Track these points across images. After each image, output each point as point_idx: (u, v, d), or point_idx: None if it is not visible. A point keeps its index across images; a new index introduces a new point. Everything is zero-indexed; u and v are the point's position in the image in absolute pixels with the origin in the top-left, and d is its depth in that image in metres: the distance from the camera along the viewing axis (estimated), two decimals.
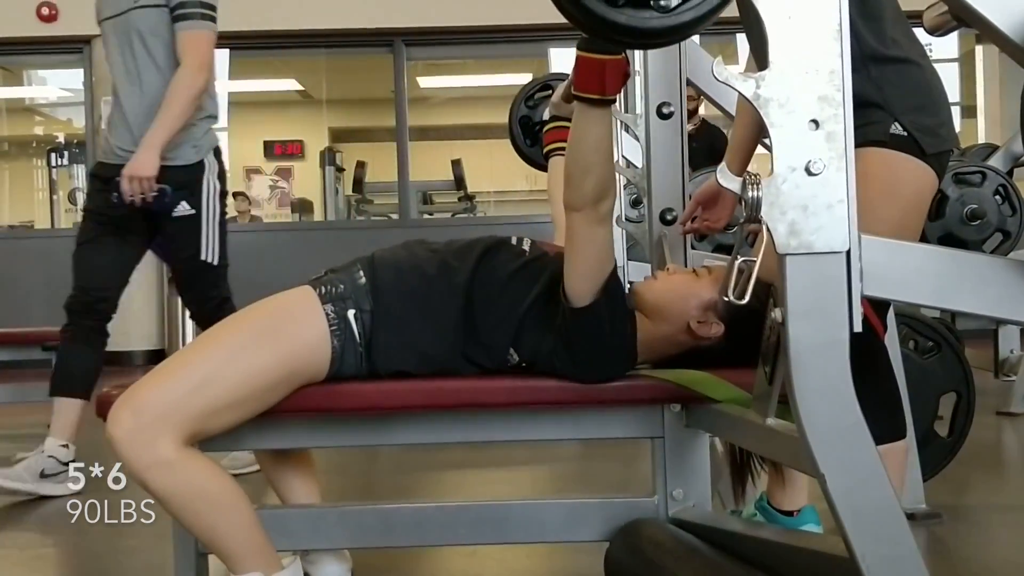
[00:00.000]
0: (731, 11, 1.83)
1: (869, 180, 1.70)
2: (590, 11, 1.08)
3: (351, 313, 1.72)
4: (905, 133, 1.76)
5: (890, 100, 1.77)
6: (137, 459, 1.56)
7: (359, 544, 1.90)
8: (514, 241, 1.85)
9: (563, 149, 1.79)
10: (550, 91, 2.84)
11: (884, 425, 1.71)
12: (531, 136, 3.03)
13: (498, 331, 1.74)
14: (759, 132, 2.10)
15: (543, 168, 2.35)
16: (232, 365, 1.62)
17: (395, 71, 8.55)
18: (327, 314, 1.71)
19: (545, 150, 2.25)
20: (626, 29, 1.10)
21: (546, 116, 2.30)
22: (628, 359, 1.75)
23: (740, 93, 1.14)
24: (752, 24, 1.19)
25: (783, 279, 1.15)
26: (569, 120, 1.67)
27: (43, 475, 3.10)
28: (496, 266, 1.78)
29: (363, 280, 1.75)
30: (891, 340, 2.24)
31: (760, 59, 1.18)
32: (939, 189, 3.47)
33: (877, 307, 1.82)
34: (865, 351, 1.36)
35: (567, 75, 2.37)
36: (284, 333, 1.68)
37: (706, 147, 5.38)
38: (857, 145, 1.76)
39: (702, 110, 5.97)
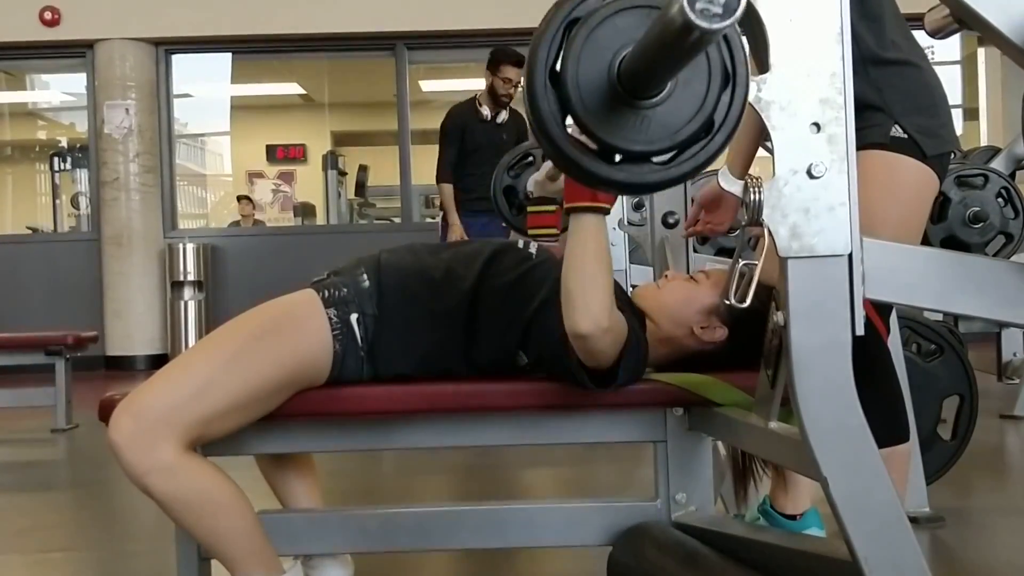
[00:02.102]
0: None
1: (870, 182, 1.70)
2: (590, 172, 1.10)
3: (354, 317, 1.72)
4: (905, 135, 1.76)
5: (890, 102, 1.77)
6: (137, 464, 1.55)
7: (361, 548, 1.90)
8: (520, 244, 1.85)
9: (546, 236, 1.74)
10: (531, 159, 2.84)
11: (886, 428, 1.71)
12: (516, 206, 3.03)
13: (506, 334, 1.74)
14: (760, 135, 2.10)
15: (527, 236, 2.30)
16: (233, 369, 1.62)
17: (397, 74, 8.55)
18: (330, 318, 1.71)
19: (530, 233, 2.20)
20: (626, 185, 1.12)
21: (529, 186, 2.27)
22: (642, 373, 1.73)
23: None
24: (752, 27, 1.19)
25: (785, 282, 1.15)
26: (552, 200, 1.63)
27: None
28: (502, 270, 1.77)
29: (367, 283, 1.75)
30: (894, 343, 2.24)
31: (761, 62, 1.17)
32: (941, 192, 3.48)
33: (880, 309, 1.82)
34: (867, 354, 1.36)
35: None
36: (286, 337, 1.67)
37: (514, 136, 5.59)
38: (857, 148, 1.76)
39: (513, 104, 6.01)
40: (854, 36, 1.39)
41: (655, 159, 1.09)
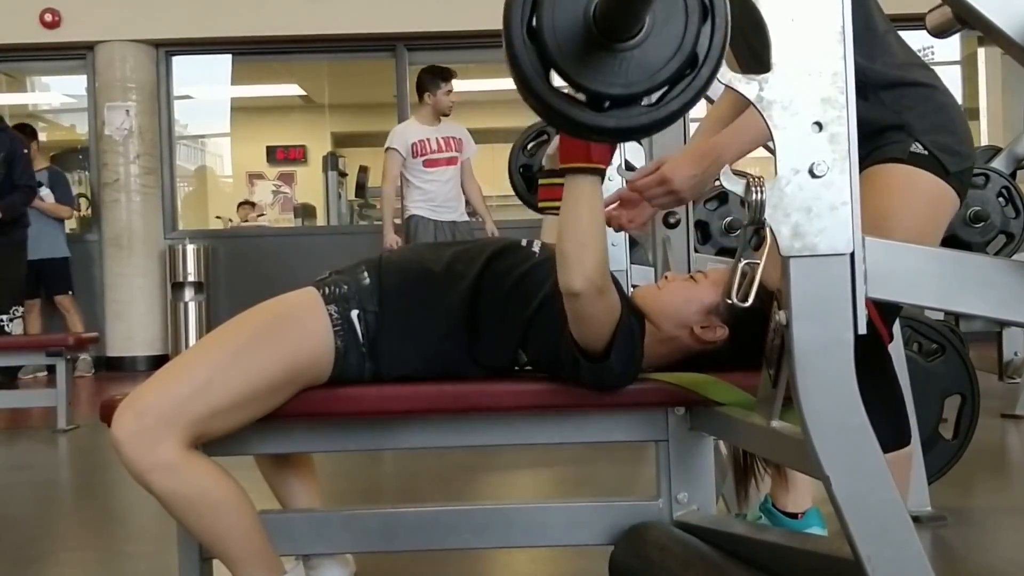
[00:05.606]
0: None
1: (889, 192, 1.71)
2: (578, 121, 1.08)
3: (354, 314, 1.72)
4: (926, 152, 1.76)
5: (910, 122, 1.77)
6: (139, 461, 1.56)
7: (362, 548, 1.90)
8: (524, 243, 1.85)
9: (556, 209, 1.74)
10: (546, 137, 2.85)
11: (888, 434, 1.70)
12: (532, 184, 3.02)
13: (508, 333, 1.74)
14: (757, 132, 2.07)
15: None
16: (234, 367, 1.62)
17: (397, 76, 8.55)
18: (330, 314, 1.71)
19: (540, 206, 2.19)
20: (616, 131, 1.10)
21: (543, 162, 2.26)
22: (637, 372, 1.74)
23: (743, 96, 1.14)
24: (745, 27, 1.19)
25: (787, 281, 1.15)
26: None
27: None
28: (504, 270, 1.77)
29: (367, 281, 1.76)
30: (896, 346, 2.23)
31: (762, 61, 1.17)
32: None
33: (885, 315, 1.81)
34: (869, 356, 1.36)
35: None
36: (286, 334, 1.68)
37: None
38: (878, 162, 1.76)
39: None
40: (861, 69, 1.39)
41: (643, 101, 1.07)
